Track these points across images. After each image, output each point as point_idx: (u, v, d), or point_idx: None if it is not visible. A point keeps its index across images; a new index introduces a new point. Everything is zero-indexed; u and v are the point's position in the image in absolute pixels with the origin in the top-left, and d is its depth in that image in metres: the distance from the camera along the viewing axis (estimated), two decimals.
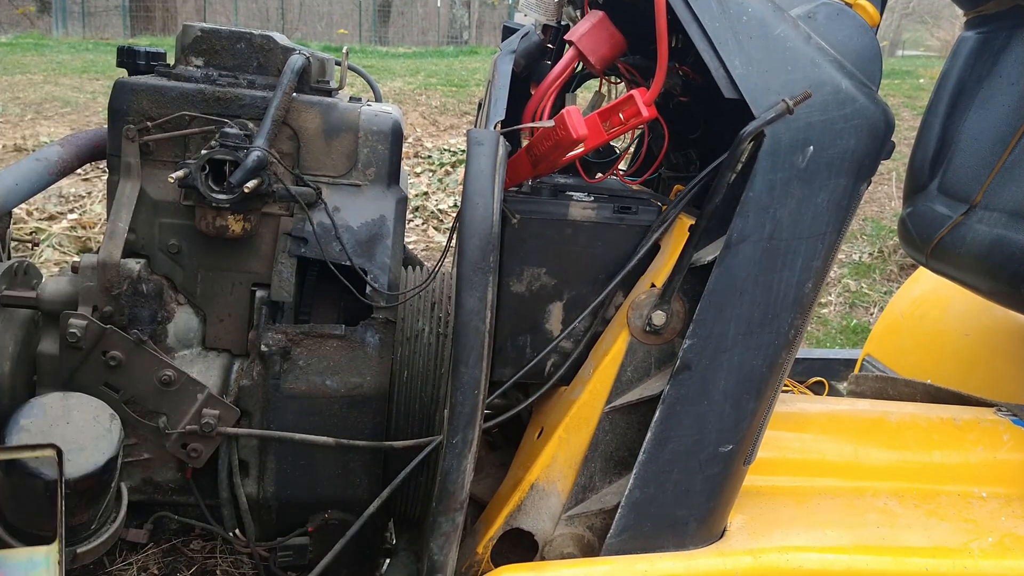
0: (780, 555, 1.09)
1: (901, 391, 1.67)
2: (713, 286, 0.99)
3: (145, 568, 1.76)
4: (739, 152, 0.95)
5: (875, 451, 1.33)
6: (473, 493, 1.10)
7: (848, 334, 4.19)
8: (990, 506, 1.28)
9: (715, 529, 1.11)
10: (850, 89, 0.95)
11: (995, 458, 1.35)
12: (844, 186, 0.98)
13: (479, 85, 8.61)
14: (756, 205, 0.96)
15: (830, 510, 1.22)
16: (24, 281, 1.27)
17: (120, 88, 1.22)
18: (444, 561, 1.02)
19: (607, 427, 1.09)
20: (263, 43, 1.27)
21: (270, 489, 1.28)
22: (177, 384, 1.19)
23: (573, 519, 1.11)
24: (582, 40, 1.09)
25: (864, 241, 5.55)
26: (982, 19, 1.69)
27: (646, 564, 1.05)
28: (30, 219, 4.14)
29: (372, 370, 1.26)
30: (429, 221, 5.15)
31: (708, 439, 1.04)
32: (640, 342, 1.06)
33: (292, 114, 1.23)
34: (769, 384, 1.04)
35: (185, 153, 1.23)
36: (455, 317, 0.95)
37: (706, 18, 0.94)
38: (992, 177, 1.60)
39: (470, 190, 0.93)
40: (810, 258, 0.99)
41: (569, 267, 1.09)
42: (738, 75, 0.94)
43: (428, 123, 7.20)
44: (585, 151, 1.02)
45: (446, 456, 0.98)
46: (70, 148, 1.32)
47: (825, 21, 1.00)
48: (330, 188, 1.26)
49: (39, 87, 7.10)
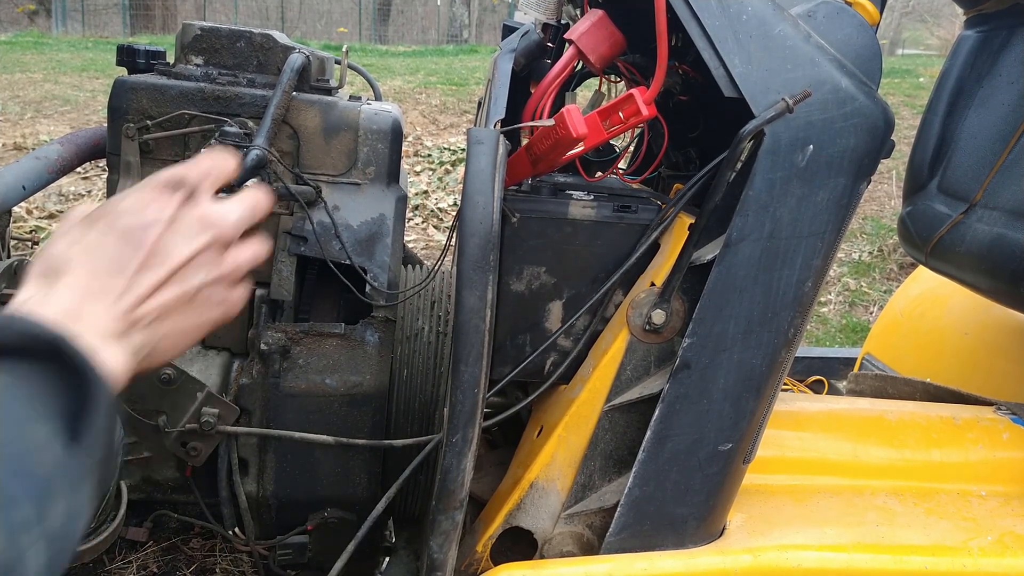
0: (779, 553, 1.09)
1: (900, 390, 1.67)
2: (713, 285, 0.99)
3: (145, 566, 1.76)
4: (739, 151, 0.95)
5: (874, 450, 1.33)
6: (473, 491, 1.10)
7: (848, 333, 4.20)
8: (989, 504, 1.28)
9: (714, 527, 1.11)
10: (850, 88, 0.95)
11: (994, 456, 1.36)
12: (844, 185, 0.98)
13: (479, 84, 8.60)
14: (756, 204, 0.96)
15: (829, 508, 1.22)
16: None
17: (120, 87, 1.22)
18: (444, 559, 1.02)
19: (606, 426, 1.09)
20: (263, 42, 1.27)
21: (270, 487, 1.28)
22: (177, 383, 1.19)
23: (572, 517, 1.11)
24: (582, 39, 1.09)
25: (864, 240, 5.55)
26: (982, 18, 1.69)
27: (645, 562, 1.05)
28: (30, 217, 4.14)
29: (372, 369, 1.26)
30: (429, 220, 5.15)
31: (707, 438, 1.04)
32: (640, 341, 1.06)
33: (292, 113, 1.23)
34: (769, 383, 1.04)
35: (185, 152, 1.23)
36: (455, 316, 0.95)
37: (706, 17, 0.94)
38: (992, 176, 1.60)
39: (470, 189, 0.93)
40: (810, 257, 0.99)
41: (569, 266, 1.09)
42: (738, 74, 0.94)
43: (428, 122, 7.19)
44: (585, 150, 1.02)
45: (446, 454, 0.98)
46: (70, 147, 1.32)
47: (825, 20, 1.00)
48: (330, 187, 1.26)
49: (39, 85, 7.10)
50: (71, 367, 0.57)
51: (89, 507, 0.58)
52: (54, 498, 0.53)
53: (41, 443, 0.53)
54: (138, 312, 0.66)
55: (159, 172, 0.71)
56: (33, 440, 0.53)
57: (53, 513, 0.52)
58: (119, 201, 0.69)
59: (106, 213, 0.68)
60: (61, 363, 0.57)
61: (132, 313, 0.65)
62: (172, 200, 0.69)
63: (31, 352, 0.56)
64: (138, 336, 0.66)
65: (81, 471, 0.56)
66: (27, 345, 0.56)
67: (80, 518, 0.56)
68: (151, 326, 0.67)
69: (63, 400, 0.57)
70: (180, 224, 0.69)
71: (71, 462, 0.55)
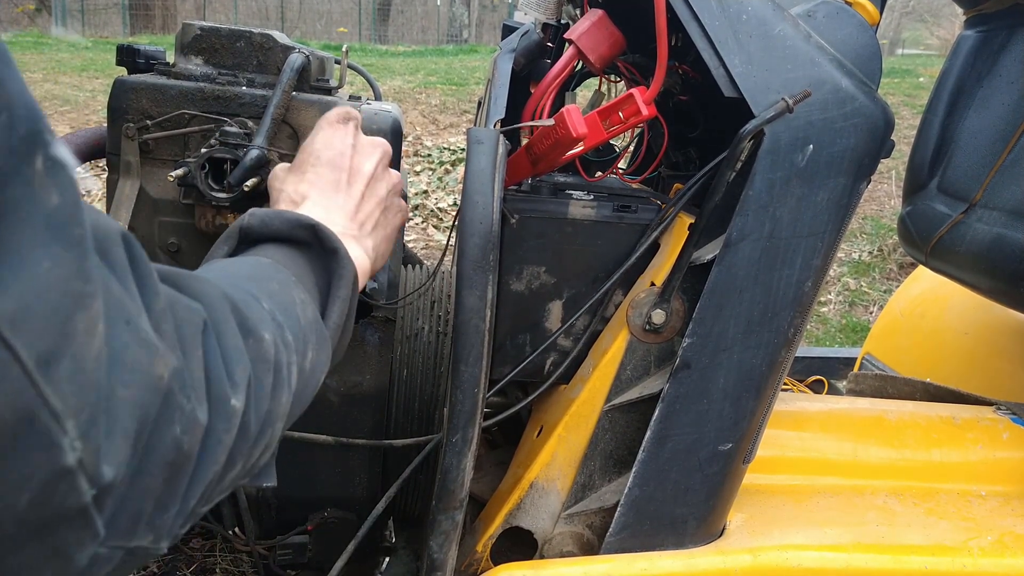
0: (779, 553, 1.09)
1: (900, 390, 1.67)
2: (713, 285, 0.99)
3: (145, 566, 1.76)
4: (739, 151, 0.95)
5: (874, 449, 1.33)
6: (472, 491, 1.10)
7: (848, 333, 4.20)
8: (989, 504, 1.28)
9: (714, 527, 1.11)
10: (850, 88, 0.95)
11: (994, 456, 1.36)
12: (844, 185, 0.98)
13: (479, 84, 8.61)
14: (756, 204, 0.96)
15: (829, 508, 1.22)
16: None
17: (119, 86, 1.21)
18: (444, 559, 1.02)
19: (606, 425, 1.09)
20: (263, 41, 1.27)
21: (269, 487, 1.28)
22: None
23: (572, 517, 1.11)
24: (582, 39, 1.09)
25: (864, 240, 5.55)
26: (982, 18, 1.69)
27: (645, 562, 1.05)
28: None
29: (372, 368, 1.25)
30: (429, 220, 5.15)
31: (707, 437, 1.04)
32: (639, 340, 1.06)
33: (292, 113, 1.23)
34: (769, 382, 1.04)
35: (185, 152, 1.23)
36: (455, 315, 0.95)
37: (706, 17, 0.94)
38: (992, 176, 1.60)
39: (470, 189, 0.93)
40: (810, 256, 0.99)
41: (569, 265, 1.09)
42: (738, 74, 0.94)
43: (428, 122, 7.20)
44: (585, 150, 1.02)
45: (446, 454, 0.98)
46: (70, 146, 1.32)
47: (825, 19, 1.00)
48: None
49: (39, 85, 7.09)
50: (327, 249, 0.71)
51: (325, 370, 0.68)
52: (308, 345, 0.63)
53: (303, 301, 0.65)
54: (359, 216, 0.84)
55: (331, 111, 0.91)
56: (298, 297, 0.64)
57: (306, 357, 0.62)
58: (312, 143, 0.88)
59: (308, 154, 0.87)
60: (319, 248, 0.72)
61: (356, 217, 0.83)
62: (348, 130, 0.89)
63: (295, 238, 0.71)
64: (366, 240, 0.85)
65: (325, 335, 0.67)
66: (293, 232, 0.71)
67: (321, 373, 0.67)
68: (372, 232, 0.87)
69: (316, 278, 0.71)
70: (360, 146, 0.88)
71: (319, 325, 0.67)
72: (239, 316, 0.53)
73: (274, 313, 0.58)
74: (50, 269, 0.33)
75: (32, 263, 0.32)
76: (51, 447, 0.33)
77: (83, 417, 0.34)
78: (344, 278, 0.71)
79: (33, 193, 0.32)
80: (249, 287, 0.59)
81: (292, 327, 0.60)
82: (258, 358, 0.53)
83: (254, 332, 0.54)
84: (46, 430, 0.32)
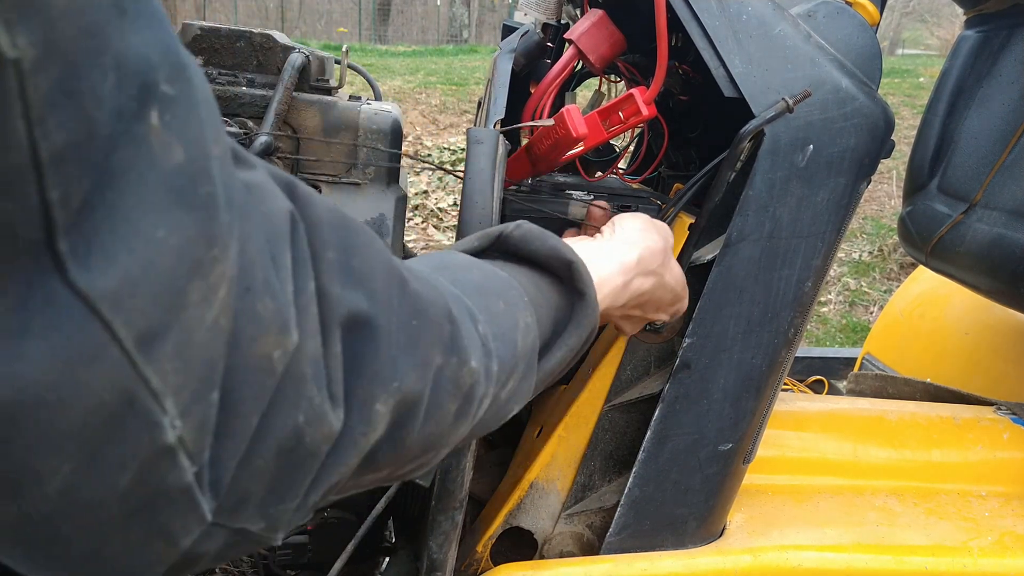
0: (779, 553, 1.09)
1: (901, 390, 1.68)
2: (713, 285, 0.99)
3: None
4: (739, 151, 0.95)
5: (875, 450, 1.33)
6: (472, 491, 1.10)
7: (848, 333, 4.20)
8: (990, 504, 1.28)
9: (714, 527, 1.11)
10: (850, 88, 0.95)
11: (995, 457, 1.36)
12: (844, 185, 0.98)
13: (479, 84, 8.60)
14: (756, 204, 0.96)
15: (829, 509, 1.22)
16: None
17: None
18: (443, 559, 1.02)
19: (606, 425, 1.09)
20: (263, 41, 1.27)
21: None
22: None
23: (572, 517, 1.11)
24: (582, 39, 1.09)
25: (864, 240, 5.55)
26: (982, 18, 1.69)
27: (646, 562, 1.05)
28: None
29: None
30: (429, 220, 5.15)
31: (707, 438, 1.04)
32: (639, 340, 1.06)
33: (291, 112, 1.23)
34: (769, 382, 1.04)
35: None
36: None
37: (706, 17, 0.94)
38: (992, 176, 1.60)
39: (469, 189, 0.93)
40: (810, 256, 0.99)
41: None
42: (738, 74, 0.94)
43: (428, 122, 7.20)
44: (585, 150, 1.02)
45: (445, 454, 0.97)
46: None
47: (825, 20, 1.00)
48: (329, 186, 1.26)
49: None
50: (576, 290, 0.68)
51: (521, 403, 0.64)
52: (512, 375, 0.59)
53: (527, 326, 0.61)
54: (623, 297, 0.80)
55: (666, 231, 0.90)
56: (523, 321, 0.61)
57: (505, 386, 0.59)
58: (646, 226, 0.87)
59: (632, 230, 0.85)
60: (569, 285, 0.68)
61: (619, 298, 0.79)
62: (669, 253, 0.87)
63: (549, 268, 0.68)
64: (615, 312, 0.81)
65: (534, 367, 0.64)
66: (548, 261, 0.67)
67: (516, 405, 0.63)
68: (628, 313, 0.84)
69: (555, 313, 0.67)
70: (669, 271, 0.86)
71: (534, 356, 0.63)
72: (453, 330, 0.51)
73: (487, 339, 0.55)
74: (165, 237, 0.30)
75: (144, 232, 0.29)
76: (152, 426, 0.31)
77: (185, 393, 0.32)
78: (582, 326, 0.67)
79: (147, 152, 0.29)
80: (473, 303, 0.56)
81: (503, 355, 0.57)
82: (452, 380, 0.50)
83: (460, 353, 0.51)
84: (146, 410, 0.31)
